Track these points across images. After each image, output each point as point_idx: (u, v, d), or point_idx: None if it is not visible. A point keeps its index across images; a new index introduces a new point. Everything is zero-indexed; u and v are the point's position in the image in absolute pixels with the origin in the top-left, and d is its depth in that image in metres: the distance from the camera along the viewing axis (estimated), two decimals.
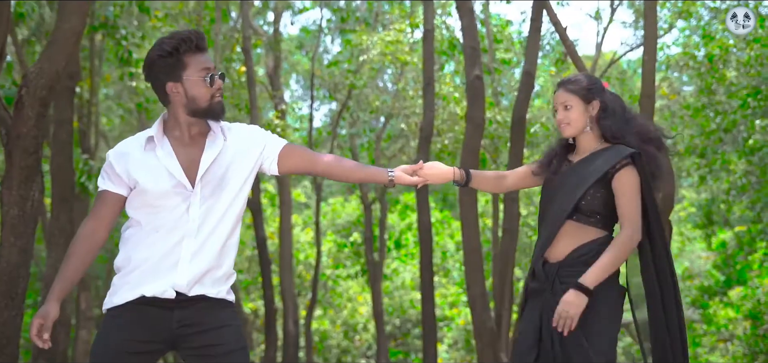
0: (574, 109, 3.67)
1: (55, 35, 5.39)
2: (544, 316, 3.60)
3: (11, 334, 5.44)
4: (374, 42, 13.85)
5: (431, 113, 11.21)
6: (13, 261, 5.39)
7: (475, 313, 9.66)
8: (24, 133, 5.32)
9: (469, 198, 9.68)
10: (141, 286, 3.25)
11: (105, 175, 3.34)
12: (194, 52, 3.33)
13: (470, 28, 9.95)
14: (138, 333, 3.24)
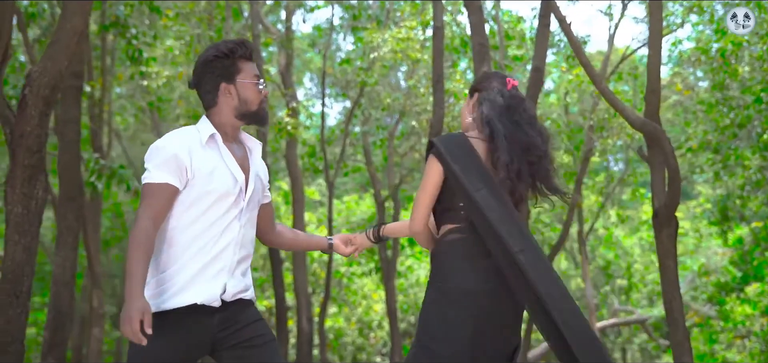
0: (465, 104, 3.66)
1: (57, 34, 5.41)
2: None
3: (16, 331, 5.47)
4: (385, 40, 13.83)
5: (441, 110, 11.16)
6: (17, 259, 5.42)
7: None
8: (27, 131, 5.35)
9: None
10: (189, 292, 3.22)
11: (165, 168, 3.20)
12: (247, 59, 3.40)
13: (479, 24, 9.91)
14: (185, 339, 3.23)
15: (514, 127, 3.41)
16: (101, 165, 9.66)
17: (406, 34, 13.81)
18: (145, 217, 3.14)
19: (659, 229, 6.72)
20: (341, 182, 25.42)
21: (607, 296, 23.38)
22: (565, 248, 21.40)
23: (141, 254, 3.07)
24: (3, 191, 5.56)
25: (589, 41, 17.70)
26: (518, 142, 3.38)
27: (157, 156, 3.24)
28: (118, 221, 19.49)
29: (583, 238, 16.16)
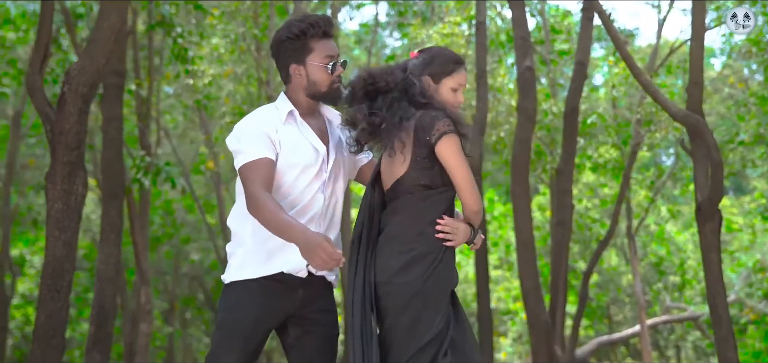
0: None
1: (95, 34, 5.51)
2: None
3: (57, 325, 5.58)
4: (429, 35, 13.79)
5: (484, 106, 11.10)
6: (58, 254, 5.53)
7: (528, 307, 9.58)
8: (66, 129, 5.45)
9: (521, 190, 9.58)
10: (274, 261, 3.31)
11: (257, 143, 3.27)
12: (321, 38, 3.40)
13: (520, 19, 9.84)
14: (271, 305, 3.32)
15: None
16: (147, 162, 9.80)
17: (450, 29, 13.74)
18: (255, 188, 3.20)
19: (702, 223, 6.60)
20: None
21: (660, 293, 23.02)
22: (615, 244, 21.11)
23: (274, 208, 3.14)
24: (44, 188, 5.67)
25: (638, 34, 17.42)
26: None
27: (245, 136, 3.32)
28: (169, 218, 19.74)
29: (632, 234, 15.92)
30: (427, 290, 3.25)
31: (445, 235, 3.29)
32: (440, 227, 3.29)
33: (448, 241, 3.30)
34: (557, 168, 10.79)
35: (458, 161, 3.28)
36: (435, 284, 3.27)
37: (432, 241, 3.29)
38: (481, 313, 11.35)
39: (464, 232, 3.36)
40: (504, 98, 13.39)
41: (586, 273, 13.17)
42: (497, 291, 21.91)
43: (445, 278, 3.31)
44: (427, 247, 3.29)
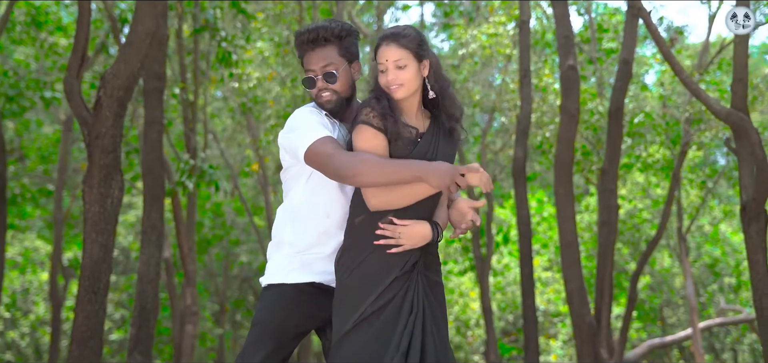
0: (408, 69, 3.22)
1: (129, 38, 5.56)
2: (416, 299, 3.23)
3: (95, 327, 5.65)
4: (474, 36, 13.71)
5: (528, 105, 11.02)
6: (95, 257, 5.60)
7: (573, 308, 9.46)
8: (102, 132, 5.51)
9: (565, 190, 9.47)
10: (309, 269, 3.34)
11: (318, 127, 3.27)
12: (307, 53, 3.38)
13: (563, 17, 9.74)
14: (305, 311, 3.35)
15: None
16: (191, 166, 9.90)
17: (495, 29, 13.65)
18: (338, 155, 3.17)
19: (748, 224, 6.42)
20: None
21: (714, 295, 22.56)
22: (668, 245, 20.75)
23: (381, 161, 3.13)
24: (81, 191, 5.74)
25: (690, 31, 17.10)
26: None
27: (302, 127, 3.30)
28: (219, 221, 19.93)
29: (683, 235, 15.61)
30: (349, 285, 3.19)
31: (386, 241, 3.17)
32: (380, 232, 3.18)
33: (395, 248, 3.17)
34: (602, 168, 10.64)
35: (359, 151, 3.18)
36: (356, 281, 3.18)
37: (358, 236, 3.21)
38: (526, 314, 11.24)
39: (418, 234, 3.19)
40: (549, 98, 13.24)
41: (635, 274, 12.97)
42: (547, 293, 21.70)
43: (370, 279, 3.17)
44: (350, 240, 3.24)
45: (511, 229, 21.57)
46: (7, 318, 18.89)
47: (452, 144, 3.34)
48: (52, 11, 14.38)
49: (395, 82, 3.20)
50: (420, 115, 3.32)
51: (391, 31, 3.25)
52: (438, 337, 3.19)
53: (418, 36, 3.25)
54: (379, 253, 3.18)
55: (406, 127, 3.23)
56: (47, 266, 19.46)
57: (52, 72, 14.39)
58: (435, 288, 3.29)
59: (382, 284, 3.15)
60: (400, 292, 3.16)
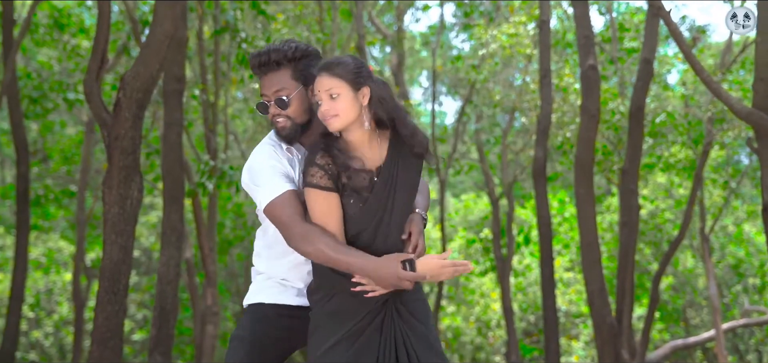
0: (342, 98, 3.09)
1: (148, 39, 5.59)
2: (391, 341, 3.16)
3: (115, 328, 5.68)
4: (494, 36, 13.68)
5: (548, 106, 10.99)
6: (115, 258, 5.63)
7: (593, 309, 9.43)
8: (122, 134, 5.54)
9: (585, 191, 9.43)
10: (290, 294, 3.35)
11: (283, 174, 3.24)
12: (260, 77, 3.29)
13: (583, 17, 9.70)
14: (283, 332, 3.35)
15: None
16: (211, 167, 9.94)
17: (515, 29, 13.61)
18: (294, 226, 3.13)
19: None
20: (459, 181, 25.30)
21: (738, 295, 22.37)
22: (691, 246, 20.58)
23: (334, 247, 3.08)
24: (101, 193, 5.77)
25: (712, 30, 16.95)
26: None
27: (261, 177, 3.25)
28: (240, 221, 20.00)
29: (706, 235, 15.48)
30: (322, 318, 3.15)
31: (362, 288, 3.09)
32: (356, 279, 3.09)
33: (371, 293, 3.09)
34: (623, 168, 10.58)
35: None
36: (329, 315, 3.14)
37: (327, 275, 3.15)
38: (547, 315, 11.20)
39: (387, 275, 3.06)
40: (570, 98, 13.18)
41: (657, 275, 12.88)
42: (569, 293, 21.60)
43: (343, 314, 3.13)
44: (320, 279, 3.19)
45: (532, 229, 21.50)
46: (31, 318, 19.05)
47: (416, 166, 3.22)
48: (75, 13, 14.50)
49: (329, 113, 3.09)
50: (375, 146, 3.18)
51: (325, 61, 3.16)
52: (432, 356, 3.15)
53: (355, 64, 3.14)
54: (351, 296, 3.12)
55: (359, 174, 3.13)
56: (70, 267, 19.61)
57: (75, 74, 14.51)
58: (414, 310, 3.22)
59: (357, 317, 3.11)
60: (376, 321, 3.12)
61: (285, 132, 3.25)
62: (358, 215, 3.11)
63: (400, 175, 3.16)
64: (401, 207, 3.16)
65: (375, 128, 3.17)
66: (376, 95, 3.12)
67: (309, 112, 3.26)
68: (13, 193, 15.94)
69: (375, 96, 3.11)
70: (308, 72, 3.24)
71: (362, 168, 3.13)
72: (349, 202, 3.10)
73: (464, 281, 21.99)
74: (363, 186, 3.12)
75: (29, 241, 12.12)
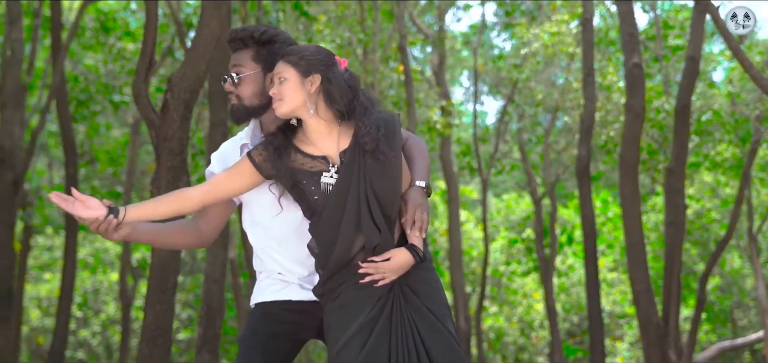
0: (287, 83, 3.07)
1: (195, 40, 5.64)
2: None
3: (164, 326, 5.75)
4: (536, 35, 13.62)
5: (592, 104, 10.92)
6: (163, 257, 5.69)
7: (639, 309, 9.35)
8: (170, 134, 5.60)
9: (630, 190, 9.35)
10: (292, 289, 3.33)
11: (214, 169, 3.37)
12: (231, 54, 3.32)
13: (628, 14, 9.62)
14: (287, 328, 3.34)
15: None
16: None
17: (558, 28, 13.54)
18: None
19: None
20: (501, 180, 25.19)
21: None
22: (738, 246, 20.29)
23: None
24: (150, 192, 5.85)
25: (759, 27, 16.67)
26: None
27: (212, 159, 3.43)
28: None
29: (754, 235, 15.26)
30: (334, 313, 3.12)
31: (371, 278, 3.07)
32: (363, 271, 3.07)
33: (381, 283, 3.07)
34: (668, 167, 10.46)
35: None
36: (340, 309, 3.11)
37: (331, 270, 3.12)
38: (591, 315, 11.12)
39: (402, 265, 3.09)
40: (613, 97, 13.07)
41: (704, 275, 12.72)
42: (613, 294, 21.41)
43: (353, 306, 3.09)
44: (323, 276, 3.16)
45: (575, 229, 21.35)
46: (79, 317, 19.36)
47: (382, 163, 3.12)
48: (120, 17, 14.72)
49: (275, 97, 3.08)
50: (334, 136, 3.14)
51: (287, 49, 3.15)
52: (439, 341, 3.11)
53: (310, 52, 3.12)
54: (355, 286, 3.11)
55: (311, 159, 3.11)
56: (117, 266, 19.89)
57: (120, 76, 14.73)
58: (424, 297, 3.17)
59: (367, 306, 3.09)
60: (385, 311, 3.09)
61: (233, 110, 3.29)
62: (325, 216, 3.09)
63: (368, 165, 3.10)
64: (383, 194, 3.09)
65: (336, 119, 3.13)
66: (327, 86, 3.08)
67: (263, 97, 3.25)
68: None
69: (326, 87, 3.08)
70: (272, 58, 3.22)
71: (315, 155, 3.12)
72: (311, 189, 3.10)
73: (507, 281, 21.91)
74: (316, 170, 3.10)
75: (77, 242, 12.31)
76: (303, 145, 3.14)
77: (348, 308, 3.10)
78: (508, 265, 21.80)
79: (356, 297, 3.10)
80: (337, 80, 3.09)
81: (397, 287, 3.12)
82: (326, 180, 3.10)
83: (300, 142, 3.15)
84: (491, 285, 21.54)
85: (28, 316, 18.77)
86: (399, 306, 3.11)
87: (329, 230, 3.09)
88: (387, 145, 3.12)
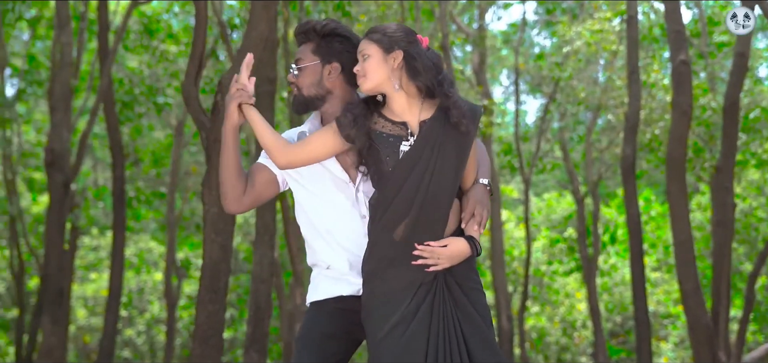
0: (371, 59, 3.15)
1: (244, 42, 5.70)
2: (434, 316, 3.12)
3: (216, 326, 5.81)
4: (578, 32, 13.51)
5: (637, 102, 10.81)
6: (214, 257, 5.75)
7: (688, 310, 9.25)
8: (220, 136, 5.66)
9: (678, 188, 9.25)
10: (343, 283, 3.36)
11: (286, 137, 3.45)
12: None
13: (674, 11, 9.52)
14: (342, 326, 3.36)
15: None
16: None
17: (600, 26, 13.42)
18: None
19: None
20: (541, 180, 25.05)
21: None
22: None
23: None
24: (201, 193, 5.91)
25: None
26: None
27: None
28: None
29: None
30: (375, 299, 3.14)
31: (423, 261, 3.09)
32: (418, 252, 3.10)
33: (433, 268, 3.09)
34: (717, 165, 10.33)
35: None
36: (381, 296, 3.13)
37: (377, 253, 3.15)
38: (638, 316, 11.01)
39: (458, 253, 3.12)
40: (658, 94, 12.93)
41: (752, 275, 12.52)
42: (656, 294, 21.17)
43: (395, 292, 3.11)
44: (370, 256, 3.20)
45: (618, 228, 21.16)
46: (124, 317, 19.60)
47: (461, 139, 3.17)
48: (163, 19, 14.88)
49: (359, 73, 3.17)
50: (415, 110, 3.17)
51: (370, 27, 3.25)
52: (477, 337, 3.11)
53: (392, 30, 3.17)
54: (403, 266, 3.12)
55: (389, 123, 3.17)
56: (160, 266, 20.11)
57: (164, 78, 14.88)
58: (468, 292, 3.18)
59: (409, 295, 3.10)
60: (427, 300, 3.10)
61: (294, 101, 3.39)
62: (394, 173, 3.12)
63: (445, 140, 3.14)
64: (446, 173, 3.13)
65: (419, 94, 3.18)
66: (410, 61, 3.13)
67: (319, 88, 3.33)
68: (107, 195, 16.44)
69: (409, 62, 3.13)
70: (332, 51, 3.32)
71: (396, 121, 3.17)
72: (385, 151, 3.14)
73: (548, 281, 21.77)
74: (395, 135, 3.14)
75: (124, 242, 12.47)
76: (385, 111, 3.21)
77: (391, 294, 3.11)
78: (549, 265, 21.67)
79: (399, 286, 3.10)
80: (420, 55, 3.15)
81: (442, 278, 3.13)
82: (404, 147, 3.15)
83: (383, 110, 3.22)
84: (532, 284, 21.42)
85: (74, 316, 19.03)
86: (442, 297, 3.12)
87: (391, 188, 3.12)
88: (471, 123, 3.17)
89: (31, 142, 17.46)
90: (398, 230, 3.12)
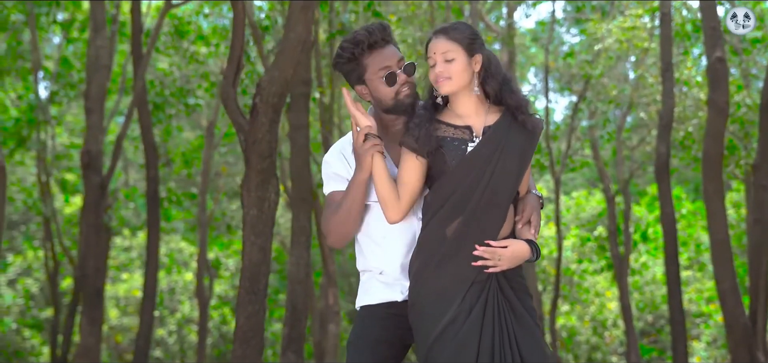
0: (456, 62, 3.11)
1: (282, 45, 5.70)
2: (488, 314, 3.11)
3: (256, 326, 5.82)
4: (610, 30, 13.42)
5: (671, 100, 10.73)
6: (254, 259, 5.76)
7: (725, 309, 9.17)
8: (259, 138, 5.67)
9: (714, 187, 9.17)
10: (396, 288, 3.37)
11: (337, 176, 3.38)
12: (371, 52, 3.28)
13: (709, 8, 9.42)
14: (393, 331, 3.37)
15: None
16: None
17: (632, 23, 13.32)
18: (324, 216, 3.35)
19: None
20: (570, 178, 24.93)
21: None
22: None
23: (332, 207, 3.33)
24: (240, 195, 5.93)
25: None
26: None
27: (324, 176, 3.45)
28: None
29: None
30: (426, 298, 3.14)
31: (483, 262, 3.08)
32: (478, 253, 3.08)
33: (492, 269, 3.09)
34: (753, 163, 10.22)
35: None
36: (433, 294, 3.12)
37: (429, 249, 3.15)
38: (672, 315, 10.93)
39: (519, 256, 3.12)
40: (691, 91, 12.82)
41: None
42: (688, 292, 21.00)
43: (446, 290, 3.10)
44: (421, 253, 3.19)
45: (650, 226, 21.01)
46: (156, 316, 19.75)
47: (526, 135, 3.18)
48: (194, 21, 14.96)
49: (443, 75, 3.11)
50: (482, 113, 3.18)
51: (442, 26, 3.19)
52: (528, 338, 3.10)
53: (470, 31, 3.15)
54: (454, 263, 3.11)
55: (460, 129, 3.15)
56: (191, 267, 20.22)
57: (194, 79, 14.97)
58: (519, 293, 3.19)
59: (461, 293, 3.09)
60: (481, 299, 3.08)
61: (404, 103, 3.30)
62: (455, 171, 3.11)
63: (508, 143, 3.13)
64: (507, 174, 3.12)
65: (485, 99, 3.18)
66: (487, 65, 3.14)
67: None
68: (138, 195, 16.56)
69: (486, 65, 3.14)
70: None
71: (459, 125, 3.16)
72: (450, 155, 3.12)
73: (578, 279, 21.66)
74: (459, 138, 3.13)
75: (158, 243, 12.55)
76: (447, 118, 3.20)
77: (445, 292, 3.10)
78: (579, 264, 21.55)
79: (449, 283, 3.09)
80: (493, 59, 3.18)
81: (494, 278, 3.12)
82: (469, 149, 3.14)
83: (444, 116, 3.21)
84: (563, 283, 21.32)
85: (107, 315, 19.20)
86: (495, 298, 3.10)
87: (449, 185, 3.12)
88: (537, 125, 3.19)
89: (64, 143, 17.64)
90: (451, 227, 3.11)
